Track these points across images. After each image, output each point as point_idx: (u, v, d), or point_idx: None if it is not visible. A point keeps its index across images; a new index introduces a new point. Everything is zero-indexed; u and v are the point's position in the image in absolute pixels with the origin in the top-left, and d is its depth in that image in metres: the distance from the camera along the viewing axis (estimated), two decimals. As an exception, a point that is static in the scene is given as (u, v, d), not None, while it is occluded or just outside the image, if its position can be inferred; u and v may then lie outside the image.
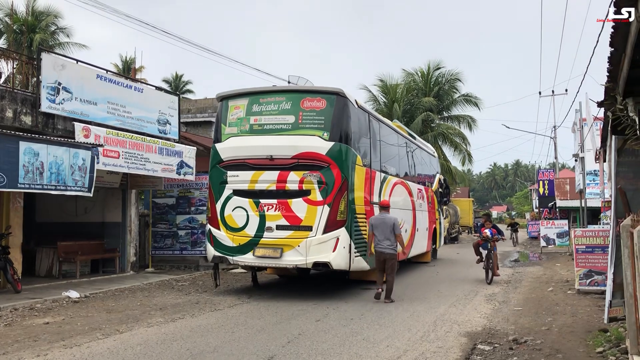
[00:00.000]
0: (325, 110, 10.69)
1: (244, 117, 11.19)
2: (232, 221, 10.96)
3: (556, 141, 37.66)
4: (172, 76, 50.69)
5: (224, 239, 10.99)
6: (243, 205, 10.89)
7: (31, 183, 9.62)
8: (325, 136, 10.54)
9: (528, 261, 19.74)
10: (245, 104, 11.27)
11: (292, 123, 10.79)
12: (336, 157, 10.42)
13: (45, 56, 11.39)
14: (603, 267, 10.56)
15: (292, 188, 10.55)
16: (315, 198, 10.40)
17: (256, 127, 11.04)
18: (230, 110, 11.41)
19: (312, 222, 10.33)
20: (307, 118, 10.75)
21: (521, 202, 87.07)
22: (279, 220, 10.55)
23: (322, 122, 10.66)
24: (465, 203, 43.83)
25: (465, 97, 37.40)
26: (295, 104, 10.85)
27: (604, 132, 8.13)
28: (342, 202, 10.32)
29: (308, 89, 11.66)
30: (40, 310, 9.37)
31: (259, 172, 10.77)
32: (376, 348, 6.56)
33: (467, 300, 10.40)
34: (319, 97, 10.81)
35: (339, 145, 10.49)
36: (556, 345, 6.70)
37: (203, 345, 6.74)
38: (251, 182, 10.84)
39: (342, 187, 10.37)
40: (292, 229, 10.46)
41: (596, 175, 19.18)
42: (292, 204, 10.51)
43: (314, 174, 10.44)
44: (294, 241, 10.35)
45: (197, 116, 24.88)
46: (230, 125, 11.35)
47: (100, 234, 15.07)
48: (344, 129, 10.66)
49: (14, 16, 34.15)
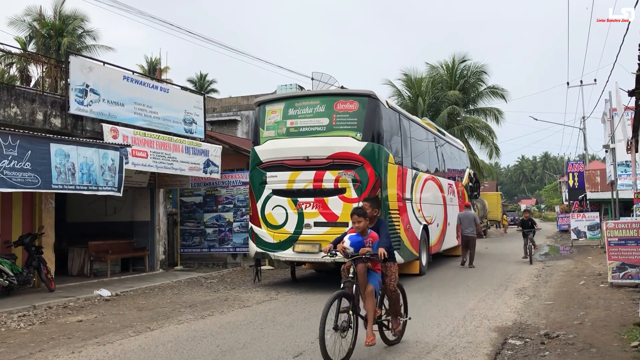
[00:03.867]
0: (357, 112, 11.20)
1: (281, 121, 11.76)
2: (273, 219, 11.54)
3: (585, 132, 36.95)
4: (196, 76, 51.23)
5: (265, 236, 11.60)
6: (282, 204, 11.45)
7: (64, 184, 9.81)
8: (358, 136, 11.02)
9: (558, 254, 19.41)
10: (281, 108, 11.85)
11: (326, 125, 11.31)
12: (369, 156, 10.92)
13: (73, 59, 11.59)
14: (637, 259, 10.33)
15: (328, 187, 11.08)
16: (351, 196, 10.89)
17: (292, 129, 11.63)
18: (267, 114, 11.97)
19: (348, 219, 10.42)
20: (340, 120, 11.27)
21: (550, 195, 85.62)
22: (316, 217, 11.11)
23: (355, 123, 11.15)
24: (493, 197, 43.23)
25: (492, 89, 36.83)
26: (329, 107, 11.39)
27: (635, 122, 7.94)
28: None
29: (341, 92, 12.31)
30: (74, 309, 9.56)
31: (297, 173, 11.32)
32: (405, 344, 6.52)
33: (497, 294, 10.28)
34: (351, 99, 11.34)
35: (371, 144, 10.97)
36: (589, 339, 6.56)
37: (232, 342, 6.80)
38: (289, 182, 11.39)
39: (375, 184, 10.87)
40: (329, 226, 10.98)
41: (628, 166, 18.71)
42: (328, 202, 11.05)
43: (348, 173, 10.96)
44: (332, 237, 10.35)
45: (222, 115, 25.06)
46: (268, 129, 11.91)
47: (129, 233, 15.29)
48: (376, 129, 11.17)
49: (42, 21, 34.84)
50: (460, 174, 19.87)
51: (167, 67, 40.63)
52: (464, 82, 36.51)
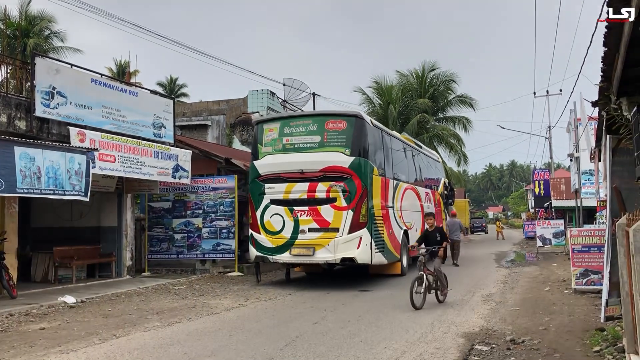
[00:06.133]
0: (346, 130, 12.59)
1: (277, 138, 13.06)
2: (271, 226, 12.72)
3: (551, 141, 37.87)
4: (166, 79, 50.50)
5: (264, 242, 12.78)
6: (280, 212, 12.66)
7: (30, 188, 9.60)
8: (347, 152, 12.40)
9: (524, 261, 19.75)
10: (277, 127, 13.17)
11: (318, 142, 12.67)
12: (357, 169, 12.28)
13: (39, 61, 11.37)
14: (599, 266, 10.57)
15: (320, 196, 12.38)
16: (341, 204, 12.25)
17: (288, 146, 12.94)
18: (265, 132, 13.28)
19: (338, 225, 12.21)
20: (331, 137, 12.62)
21: (517, 203, 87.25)
22: (310, 224, 12.37)
23: (344, 140, 12.54)
24: (461, 204, 43.76)
25: (460, 98, 37.29)
26: (321, 126, 12.75)
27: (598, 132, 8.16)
28: (363, 207, 12.21)
29: (331, 112, 13.66)
30: (36, 316, 9.33)
31: (292, 184, 12.59)
32: (374, 350, 6.55)
33: (464, 301, 10.41)
34: (340, 119, 12.76)
35: (358, 159, 12.35)
36: (553, 344, 6.70)
37: (200, 349, 6.72)
38: (285, 192, 12.62)
39: (362, 194, 12.23)
40: (322, 231, 12.29)
41: (591, 175, 19.21)
42: (321, 210, 12.34)
43: (338, 184, 12.30)
44: (324, 241, 12.21)
45: (192, 119, 24.87)
46: (265, 145, 13.18)
47: (96, 239, 15.00)
48: (362, 145, 12.53)
49: (7, 21, 34.04)
50: (437, 183, 21.26)
51: (136, 71, 40.09)
52: (434, 91, 36.91)
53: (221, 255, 15.46)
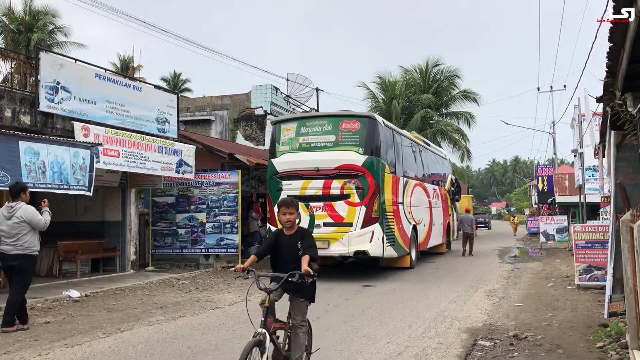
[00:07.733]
0: (359, 130, 13.20)
1: (294, 137, 13.67)
2: None
3: (555, 137, 37.77)
4: (170, 75, 50.57)
5: None
6: None
7: (35, 182, 9.61)
8: (360, 151, 12.99)
9: (528, 257, 19.75)
10: (294, 127, 13.78)
11: (333, 141, 13.29)
12: (369, 167, 12.87)
13: (43, 55, 11.37)
14: (603, 262, 10.56)
15: (335, 193, 12.97)
16: (354, 200, 12.84)
17: (304, 145, 13.57)
18: (282, 132, 13.88)
19: (352, 220, 12.83)
20: (345, 137, 13.23)
21: (520, 198, 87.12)
22: (325, 218, 12.98)
23: (358, 140, 13.12)
24: (464, 200, 43.68)
25: (464, 93, 37.12)
26: (335, 126, 13.37)
27: (603, 128, 8.14)
28: (375, 203, 12.80)
29: (345, 113, 14.16)
30: (41, 310, 9.38)
31: (308, 181, 13.17)
32: (377, 345, 6.58)
33: (468, 296, 10.42)
34: (354, 120, 13.39)
35: (371, 158, 12.94)
36: (557, 340, 6.71)
37: (204, 344, 6.76)
38: (302, 189, 13.16)
39: (375, 191, 12.81)
40: (336, 226, 12.90)
41: (595, 171, 19.15)
42: (335, 206, 12.94)
43: (352, 182, 12.87)
44: (339, 235, 12.83)
45: (195, 114, 24.85)
46: (283, 144, 13.79)
47: (100, 233, 15.05)
48: (375, 144, 13.14)
49: (11, 15, 34.08)
50: (444, 179, 21.81)
51: (140, 66, 40.14)
52: (437, 86, 36.79)
53: (225, 250, 15.49)
